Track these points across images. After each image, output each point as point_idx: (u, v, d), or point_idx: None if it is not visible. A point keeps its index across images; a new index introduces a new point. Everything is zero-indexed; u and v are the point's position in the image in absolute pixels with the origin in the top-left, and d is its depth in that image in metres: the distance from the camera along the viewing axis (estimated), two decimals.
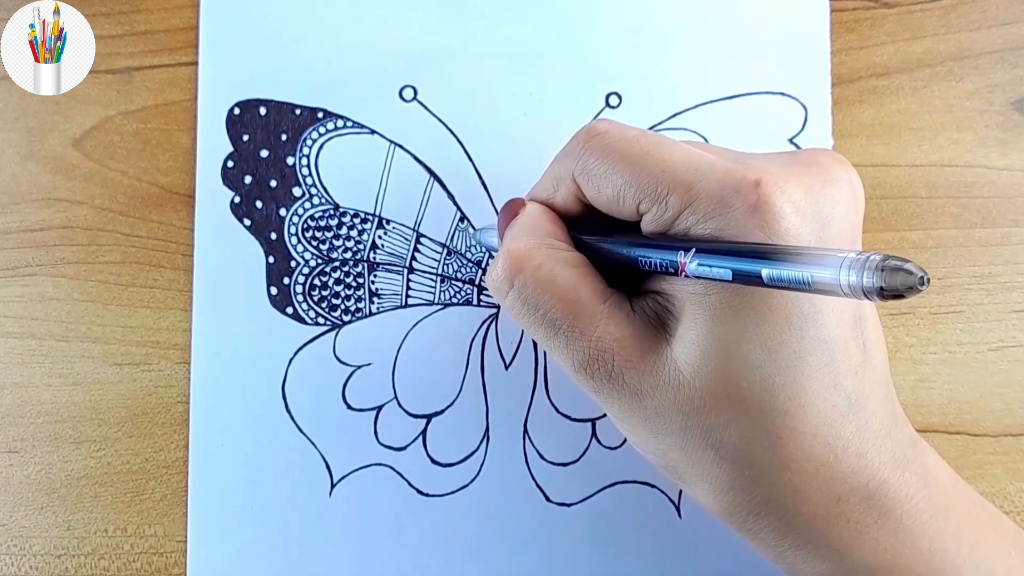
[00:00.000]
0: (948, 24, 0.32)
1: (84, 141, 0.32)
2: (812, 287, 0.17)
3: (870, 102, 0.32)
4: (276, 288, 0.31)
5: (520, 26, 0.32)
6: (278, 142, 0.32)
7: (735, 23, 0.32)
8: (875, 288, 0.16)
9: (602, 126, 0.24)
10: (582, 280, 0.24)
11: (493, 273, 0.25)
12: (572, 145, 0.25)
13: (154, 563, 0.31)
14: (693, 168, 0.22)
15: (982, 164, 0.31)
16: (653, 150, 0.23)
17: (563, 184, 0.25)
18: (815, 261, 0.17)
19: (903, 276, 0.16)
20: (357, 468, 0.31)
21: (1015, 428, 0.31)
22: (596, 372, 0.23)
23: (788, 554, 0.23)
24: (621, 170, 0.23)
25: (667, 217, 0.22)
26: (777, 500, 0.22)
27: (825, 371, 0.22)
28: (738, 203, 0.21)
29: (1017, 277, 0.31)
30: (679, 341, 0.22)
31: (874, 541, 0.22)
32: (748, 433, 0.22)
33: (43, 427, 0.32)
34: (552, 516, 0.31)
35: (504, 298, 0.24)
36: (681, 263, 0.21)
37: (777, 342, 0.21)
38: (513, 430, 0.31)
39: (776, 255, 0.18)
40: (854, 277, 0.16)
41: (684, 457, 0.23)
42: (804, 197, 0.21)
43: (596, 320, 0.23)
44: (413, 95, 0.32)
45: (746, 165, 0.22)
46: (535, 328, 0.24)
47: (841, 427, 0.22)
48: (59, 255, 0.32)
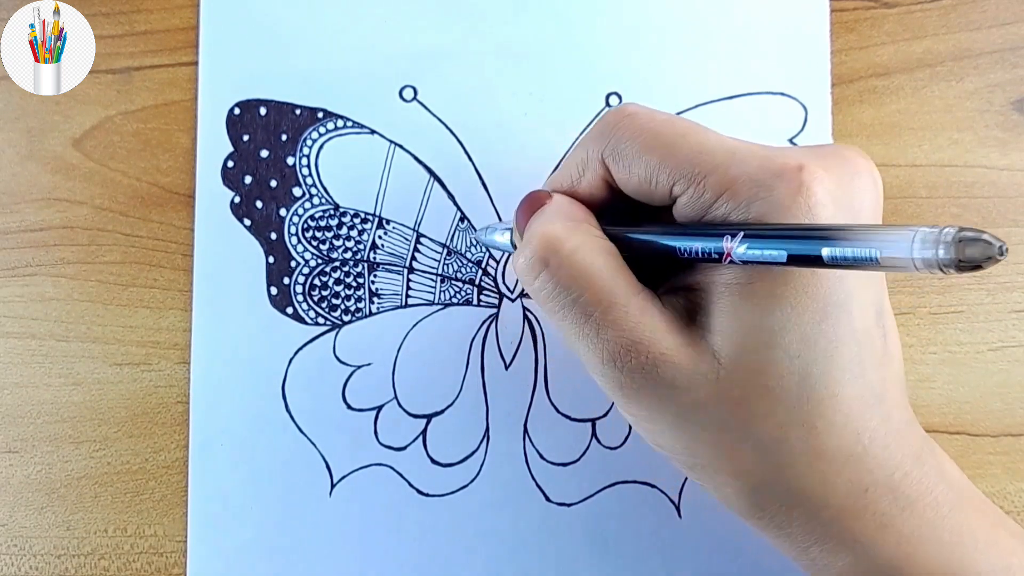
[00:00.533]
0: (948, 24, 0.32)
1: (84, 141, 0.32)
2: (880, 263, 0.17)
3: (870, 102, 0.32)
4: (276, 288, 0.31)
5: (520, 26, 0.32)
6: (278, 142, 0.32)
7: (735, 23, 0.32)
8: (953, 260, 0.16)
9: (632, 108, 0.24)
10: (619, 269, 0.23)
11: (523, 254, 0.24)
12: (600, 126, 0.24)
13: (154, 563, 0.31)
14: (731, 152, 0.22)
15: (982, 164, 0.31)
16: (689, 132, 0.23)
17: (590, 168, 0.24)
18: (884, 235, 0.17)
19: (982, 247, 0.16)
20: (357, 468, 0.31)
21: (1015, 428, 0.31)
22: (627, 364, 0.22)
23: (813, 549, 0.23)
24: (655, 150, 0.23)
25: (704, 200, 0.22)
26: (807, 491, 0.22)
27: (855, 362, 0.22)
28: (780, 187, 0.21)
29: (1017, 277, 0.31)
30: (716, 333, 0.22)
31: (898, 533, 0.22)
32: (786, 423, 0.22)
33: (43, 427, 0.32)
34: (552, 516, 0.31)
35: (535, 279, 0.23)
36: (727, 248, 0.20)
37: (815, 332, 0.21)
38: (513, 430, 0.31)
39: (838, 232, 0.18)
40: (929, 251, 0.16)
41: (716, 452, 0.23)
42: (838, 188, 0.21)
43: (630, 310, 0.22)
44: (413, 95, 0.32)
45: (782, 153, 0.22)
46: (565, 313, 0.23)
47: (868, 418, 0.22)
48: (59, 255, 0.32)
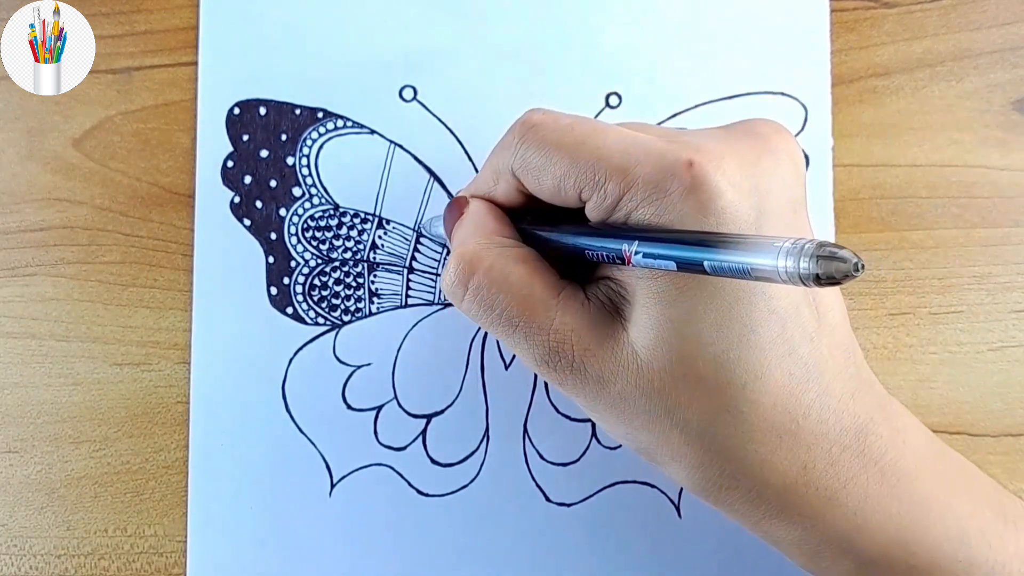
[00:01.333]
0: (948, 24, 0.32)
1: (84, 141, 0.32)
2: (752, 275, 0.17)
3: (870, 102, 0.32)
4: (276, 288, 0.31)
5: (520, 26, 0.32)
6: (278, 142, 0.32)
7: (735, 23, 0.32)
8: (811, 275, 0.16)
9: (536, 117, 0.24)
10: (533, 275, 0.24)
11: (447, 277, 0.25)
12: (508, 139, 0.25)
13: (154, 563, 0.31)
14: (627, 153, 0.22)
15: (982, 164, 0.31)
16: (588, 138, 0.23)
17: (503, 178, 0.25)
18: (753, 249, 0.17)
19: (837, 263, 0.16)
20: (357, 468, 0.31)
21: (1015, 428, 0.31)
22: (558, 364, 0.23)
23: (763, 523, 0.23)
24: (559, 161, 0.23)
25: (607, 204, 0.22)
26: (745, 472, 0.22)
27: (778, 341, 0.22)
28: (673, 186, 0.21)
29: (1017, 277, 0.31)
30: (634, 325, 0.22)
31: (843, 507, 0.22)
32: (710, 410, 0.22)
33: (43, 427, 0.32)
34: (552, 516, 0.31)
35: (460, 302, 0.24)
36: (627, 254, 0.21)
37: (727, 318, 0.21)
38: (513, 430, 0.31)
39: (715, 244, 0.19)
40: (791, 265, 0.16)
41: (652, 439, 0.23)
42: (739, 171, 0.21)
43: (551, 314, 0.23)
44: (413, 95, 0.32)
45: (681, 144, 0.22)
46: (494, 328, 0.24)
47: (801, 395, 0.22)
48: (59, 255, 0.32)
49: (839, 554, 0.23)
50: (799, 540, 0.23)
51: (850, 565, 0.23)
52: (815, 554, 0.23)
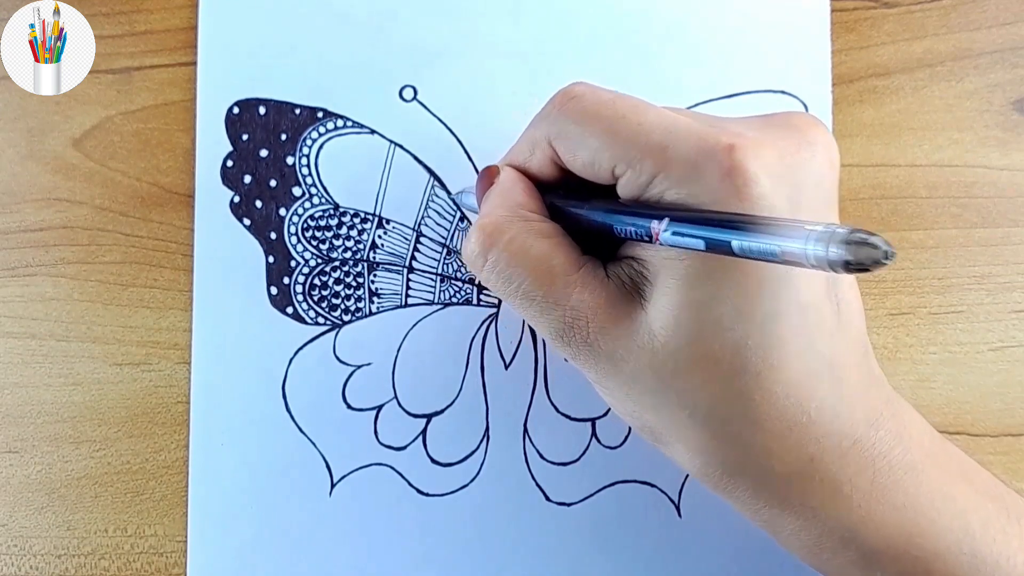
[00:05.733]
0: (948, 24, 0.32)
1: (84, 141, 0.32)
2: (781, 258, 0.17)
3: (870, 102, 0.32)
4: (276, 288, 0.31)
5: (520, 26, 0.32)
6: (278, 142, 0.32)
7: (735, 23, 0.32)
8: (840, 261, 0.16)
9: (578, 89, 0.24)
10: (555, 250, 0.24)
11: (468, 247, 0.25)
12: (548, 109, 0.25)
13: (154, 563, 0.31)
14: (668, 132, 0.22)
15: (982, 164, 0.31)
16: (629, 113, 0.23)
17: (539, 148, 0.25)
18: (783, 232, 0.17)
19: (868, 250, 0.16)
20: (357, 468, 0.31)
21: (1015, 428, 0.31)
22: (573, 339, 0.23)
23: (764, 512, 0.23)
24: (597, 133, 0.23)
25: (641, 181, 0.22)
26: (751, 460, 0.22)
27: (799, 333, 0.22)
28: (711, 168, 0.21)
29: (1017, 277, 0.31)
30: (653, 306, 0.22)
31: (847, 499, 0.22)
32: (721, 395, 0.22)
33: (43, 427, 0.32)
34: (552, 516, 0.31)
35: (479, 271, 0.24)
36: (655, 231, 0.21)
37: (750, 305, 0.21)
38: (513, 430, 0.31)
39: (746, 225, 0.18)
40: (820, 249, 0.16)
41: (659, 420, 0.23)
42: (778, 162, 0.21)
43: (569, 289, 0.23)
44: (413, 95, 0.32)
45: (721, 129, 0.22)
46: (511, 299, 0.24)
47: (814, 388, 0.22)
48: (59, 255, 0.32)
49: (841, 545, 0.23)
50: (799, 530, 0.23)
51: (853, 556, 0.23)
52: (815, 545, 0.23)
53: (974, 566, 0.23)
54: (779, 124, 0.23)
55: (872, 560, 0.23)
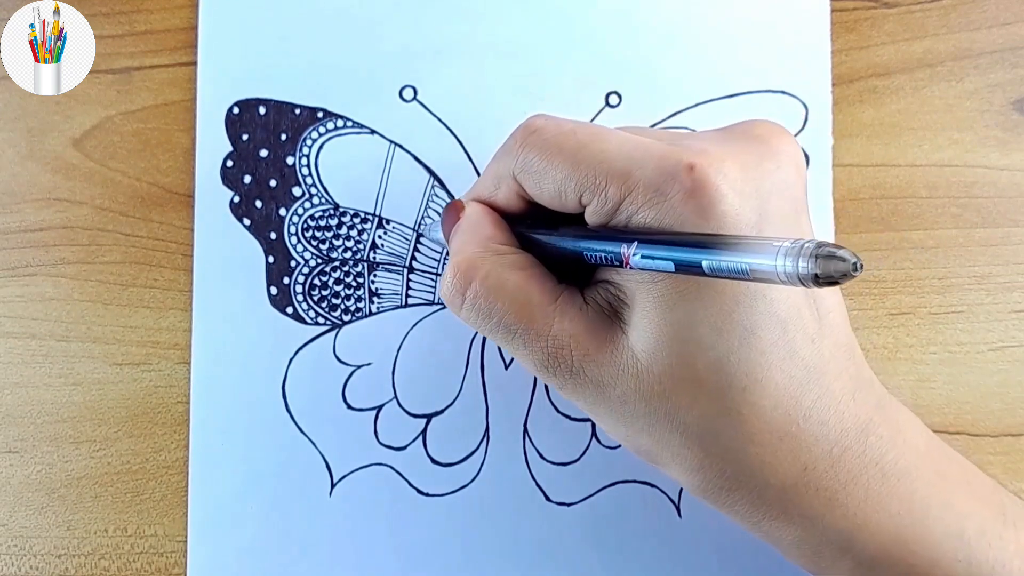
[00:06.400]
0: (948, 24, 0.32)
1: (84, 141, 0.32)
2: (751, 276, 0.18)
3: (870, 102, 0.32)
4: (276, 288, 0.31)
5: (520, 25, 0.32)
6: (278, 142, 0.32)
7: (735, 22, 0.32)
8: (810, 275, 0.16)
9: (538, 122, 0.24)
10: (530, 282, 0.24)
11: (444, 286, 0.25)
12: (510, 144, 0.25)
13: (154, 563, 0.31)
14: (629, 157, 0.22)
15: (982, 164, 0.31)
16: (590, 142, 0.23)
17: (504, 183, 0.25)
18: (752, 250, 0.17)
19: (836, 263, 0.16)
20: (357, 468, 0.31)
21: (1015, 428, 0.31)
22: (557, 369, 0.23)
23: (763, 524, 0.23)
24: (560, 165, 0.23)
25: (608, 208, 0.22)
26: (746, 474, 0.22)
27: (779, 343, 0.22)
28: (674, 190, 0.21)
29: (1017, 277, 0.31)
30: (633, 329, 0.23)
31: (843, 507, 0.22)
32: (710, 413, 0.22)
33: (43, 427, 0.32)
34: (552, 516, 0.31)
35: (459, 311, 0.24)
36: (625, 255, 0.21)
37: (727, 322, 0.21)
38: (513, 430, 0.31)
39: (714, 245, 0.19)
40: (790, 265, 0.16)
41: (652, 441, 0.23)
42: (742, 175, 0.21)
43: (549, 319, 0.23)
44: (413, 95, 0.32)
45: (682, 147, 0.22)
46: (493, 335, 0.24)
47: (801, 397, 0.22)
48: (59, 255, 0.32)
49: (839, 554, 0.23)
50: (799, 540, 0.23)
51: (850, 564, 0.23)
52: (815, 554, 0.23)
53: (970, 574, 0.23)
54: (742, 135, 0.23)
55: (869, 568, 0.23)
